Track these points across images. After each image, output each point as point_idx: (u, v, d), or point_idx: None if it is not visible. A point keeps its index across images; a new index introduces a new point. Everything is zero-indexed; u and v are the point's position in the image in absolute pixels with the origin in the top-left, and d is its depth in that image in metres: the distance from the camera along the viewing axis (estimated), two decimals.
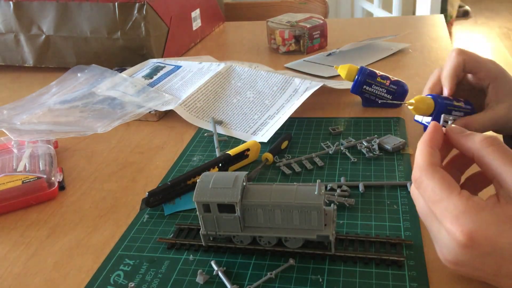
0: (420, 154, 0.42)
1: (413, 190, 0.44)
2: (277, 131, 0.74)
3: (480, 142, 0.41)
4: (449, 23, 3.82)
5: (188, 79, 0.93)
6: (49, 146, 0.72)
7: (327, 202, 0.55)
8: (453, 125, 0.45)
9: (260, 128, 0.76)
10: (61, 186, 0.66)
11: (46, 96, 0.94)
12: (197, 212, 0.48)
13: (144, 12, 1.02)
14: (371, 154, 0.66)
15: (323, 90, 0.84)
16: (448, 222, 0.38)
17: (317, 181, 0.47)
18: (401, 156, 0.65)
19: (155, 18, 1.05)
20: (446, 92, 0.63)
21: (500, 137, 0.64)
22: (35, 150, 0.70)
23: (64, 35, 1.07)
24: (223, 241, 0.51)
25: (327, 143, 0.70)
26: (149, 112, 0.84)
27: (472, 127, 0.60)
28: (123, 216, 0.59)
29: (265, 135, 0.74)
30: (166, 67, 1.00)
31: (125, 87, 0.93)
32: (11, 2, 1.07)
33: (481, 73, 0.62)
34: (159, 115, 0.85)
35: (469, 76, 0.64)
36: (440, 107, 0.62)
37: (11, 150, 0.71)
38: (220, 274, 0.48)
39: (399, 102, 0.78)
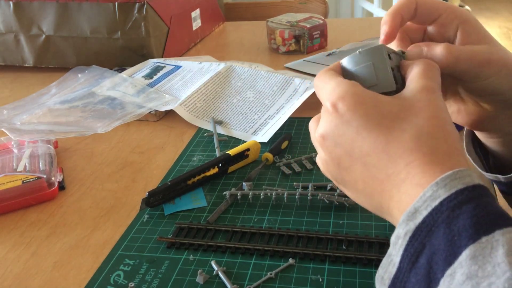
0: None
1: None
2: (277, 131, 0.74)
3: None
4: None
5: (188, 79, 0.93)
6: (49, 146, 0.71)
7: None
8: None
9: (260, 128, 0.76)
10: (61, 186, 0.66)
11: (46, 96, 0.94)
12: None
13: (144, 12, 1.02)
14: None
15: None
16: (325, 98, 0.39)
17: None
18: None
19: (155, 18, 1.05)
20: (381, 37, 0.44)
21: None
22: (35, 150, 0.70)
23: (64, 35, 1.07)
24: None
25: None
26: (149, 112, 0.84)
27: (444, 55, 0.42)
28: (123, 216, 0.59)
29: (265, 135, 0.74)
30: (166, 67, 1.00)
31: (125, 87, 0.93)
32: (11, 2, 1.07)
33: (444, 16, 0.44)
34: (159, 115, 0.85)
35: (430, 29, 0.46)
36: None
37: (11, 150, 0.71)
38: (220, 274, 0.48)
39: None
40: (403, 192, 0.35)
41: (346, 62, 0.41)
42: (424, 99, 0.37)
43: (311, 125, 0.43)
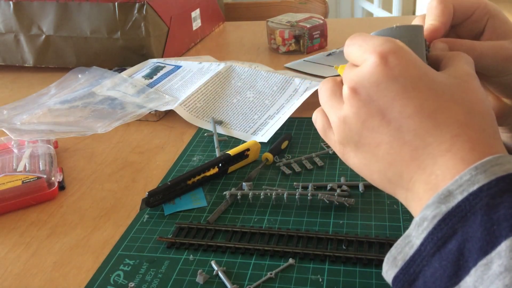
0: None
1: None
2: (277, 131, 0.74)
3: None
4: None
5: (188, 79, 0.93)
6: (49, 146, 0.72)
7: None
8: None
9: (260, 128, 0.76)
10: (61, 186, 0.66)
11: (46, 96, 0.94)
12: None
13: (144, 12, 1.02)
14: None
15: None
16: (368, 51, 0.36)
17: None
18: None
19: (155, 18, 1.05)
20: (433, 26, 0.44)
21: None
22: (35, 150, 0.70)
23: (64, 35, 1.07)
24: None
25: (327, 143, 0.70)
26: (149, 112, 0.84)
27: (469, 51, 0.42)
28: (123, 216, 0.59)
29: (265, 135, 0.74)
30: (166, 67, 1.00)
31: (125, 87, 0.93)
32: (11, 2, 1.07)
33: (477, 12, 0.45)
34: (159, 115, 0.85)
35: (460, 25, 0.47)
36: None
37: (11, 150, 0.71)
38: (220, 274, 0.48)
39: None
40: (440, 164, 0.32)
41: (380, 34, 0.40)
42: (471, 82, 0.36)
43: (325, 85, 0.40)
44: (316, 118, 0.42)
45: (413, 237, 0.31)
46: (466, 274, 0.28)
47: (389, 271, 0.33)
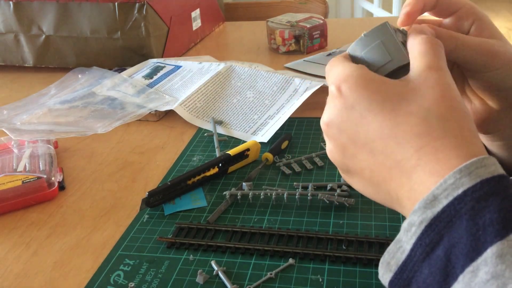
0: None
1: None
2: (277, 131, 0.74)
3: None
4: None
5: (188, 79, 0.93)
6: (49, 146, 0.72)
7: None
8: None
9: (260, 128, 0.76)
10: (61, 186, 0.66)
11: (46, 96, 0.95)
12: None
13: (144, 12, 1.02)
14: None
15: (323, 90, 0.84)
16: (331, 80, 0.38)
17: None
18: None
19: (155, 18, 1.05)
20: (400, 18, 0.43)
21: None
22: (35, 150, 0.70)
23: (64, 35, 1.07)
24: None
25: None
26: (149, 112, 0.84)
27: (450, 38, 0.42)
28: (123, 216, 0.59)
29: (265, 135, 0.74)
30: (166, 67, 1.00)
31: (125, 87, 0.93)
32: (11, 2, 1.07)
33: (463, 10, 0.44)
34: (159, 115, 0.85)
35: (446, 21, 0.46)
36: None
37: (11, 150, 0.71)
38: (220, 274, 0.48)
39: None
40: (415, 180, 0.32)
41: (353, 48, 0.40)
42: (430, 78, 0.35)
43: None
44: None
45: (404, 242, 0.31)
46: (454, 280, 0.28)
47: (384, 275, 0.33)
